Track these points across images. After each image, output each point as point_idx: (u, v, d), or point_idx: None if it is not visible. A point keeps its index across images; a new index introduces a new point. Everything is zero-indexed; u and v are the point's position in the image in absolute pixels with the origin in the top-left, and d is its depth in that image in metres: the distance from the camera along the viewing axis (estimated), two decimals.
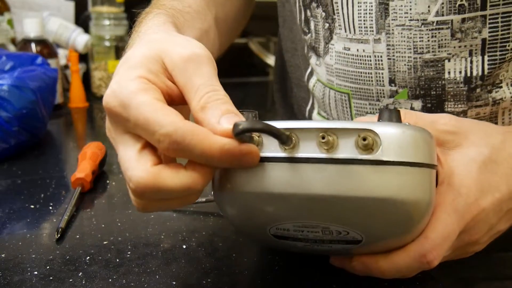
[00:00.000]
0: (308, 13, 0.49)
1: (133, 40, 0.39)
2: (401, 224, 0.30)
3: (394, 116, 0.30)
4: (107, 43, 1.09)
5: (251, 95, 1.26)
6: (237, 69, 1.25)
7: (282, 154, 0.29)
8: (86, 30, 1.12)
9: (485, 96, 0.42)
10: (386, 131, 0.28)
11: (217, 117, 0.28)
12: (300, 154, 0.28)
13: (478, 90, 0.42)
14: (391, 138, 0.28)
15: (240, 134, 0.27)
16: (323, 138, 0.28)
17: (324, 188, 0.28)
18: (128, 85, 0.29)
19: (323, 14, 0.47)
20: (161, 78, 0.30)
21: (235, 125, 0.27)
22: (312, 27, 0.49)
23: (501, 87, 0.42)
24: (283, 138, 0.28)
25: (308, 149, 0.28)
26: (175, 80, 0.31)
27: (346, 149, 0.28)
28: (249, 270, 0.38)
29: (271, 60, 1.26)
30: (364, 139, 0.27)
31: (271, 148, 0.29)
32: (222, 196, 0.31)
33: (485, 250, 0.36)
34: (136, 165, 0.28)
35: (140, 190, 0.28)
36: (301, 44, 0.54)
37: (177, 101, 0.31)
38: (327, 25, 0.47)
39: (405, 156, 0.28)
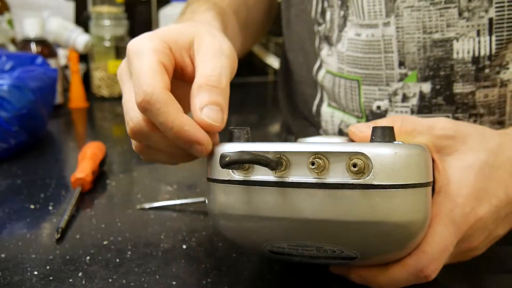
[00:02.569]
0: (326, 3, 0.51)
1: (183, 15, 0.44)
2: (395, 243, 0.30)
3: (387, 134, 0.30)
4: (107, 43, 1.09)
5: (251, 95, 1.26)
6: (237, 69, 1.25)
7: (272, 178, 0.29)
8: (86, 30, 1.12)
9: (494, 77, 0.43)
10: (378, 153, 0.27)
11: (203, 103, 0.31)
12: (291, 178, 0.28)
13: (486, 70, 0.43)
14: (383, 161, 0.27)
15: (227, 167, 0.27)
16: (313, 164, 0.28)
17: (315, 212, 0.28)
18: (150, 41, 0.32)
19: (339, 2, 0.48)
20: (182, 52, 0.34)
21: (222, 157, 0.27)
22: (328, 17, 0.50)
23: (508, 68, 0.42)
24: (272, 165, 0.28)
25: (299, 173, 0.28)
26: (194, 59, 0.34)
27: (337, 173, 0.28)
28: (249, 270, 0.38)
29: (271, 60, 1.26)
30: (355, 165, 0.27)
31: (262, 171, 0.29)
32: (217, 217, 0.32)
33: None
34: (137, 109, 0.31)
35: (136, 130, 0.32)
36: (309, 41, 0.54)
37: (187, 79, 0.34)
38: (342, 12, 0.48)
39: (398, 179, 0.27)
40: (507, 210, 0.34)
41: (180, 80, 0.35)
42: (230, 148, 0.30)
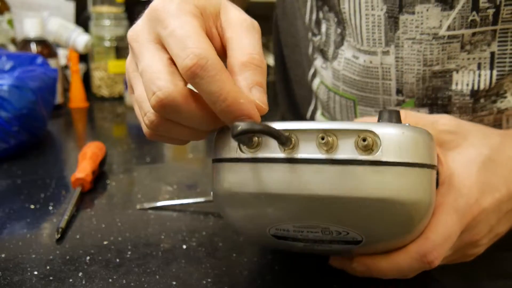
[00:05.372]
0: (321, 14, 0.49)
1: None
2: (401, 225, 0.30)
3: (394, 117, 0.30)
4: (107, 43, 1.09)
5: None
6: None
7: (281, 155, 0.29)
8: (86, 30, 1.12)
9: (490, 106, 0.42)
10: (386, 131, 0.28)
11: (251, 83, 0.28)
12: (300, 155, 0.28)
13: (482, 100, 0.42)
14: (391, 138, 0.28)
15: (239, 136, 0.26)
16: (323, 139, 0.28)
17: (323, 189, 0.28)
18: (186, 5, 0.29)
19: (336, 19, 0.47)
20: (210, 22, 0.30)
21: (234, 126, 0.26)
22: (323, 29, 0.49)
23: (505, 97, 0.42)
24: (282, 139, 0.28)
25: (307, 150, 0.28)
26: (222, 32, 0.31)
27: (346, 150, 0.28)
28: (249, 270, 0.38)
29: (271, 60, 1.25)
30: (364, 140, 0.27)
31: (271, 149, 0.29)
32: (221, 197, 0.31)
33: (487, 249, 0.36)
34: (170, 78, 0.27)
35: (166, 103, 0.27)
36: (304, 42, 0.54)
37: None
38: (339, 30, 0.47)
39: (405, 157, 0.28)
40: (508, 206, 0.34)
41: None
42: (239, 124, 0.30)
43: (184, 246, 0.41)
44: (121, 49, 1.11)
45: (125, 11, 1.13)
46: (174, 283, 0.36)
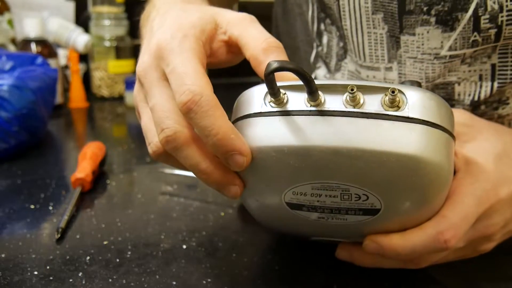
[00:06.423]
0: (322, 26, 0.49)
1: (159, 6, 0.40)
2: (420, 189, 0.29)
3: (415, 84, 0.30)
4: (107, 43, 1.09)
5: None
6: (237, 69, 1.25)
7: (309, 107, 0.28)
8: (86, 30, 1.12)
9: (491, 113, 0.42)
10: (412, 91, 0.28)
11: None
12: (327, 108, 0.28)
13: (482, 107, 0.42)
14: (417, 98, 0.28)
15: (272, 73, 0.27)
16: (352, 90, 0.27)
17: (350, 141, 0.27)
18: (186, 39, 0.31)
19: (338, 33, 0.46)
20: (213, 36, 0.33)
21: (269, 64, 0.26)
22: (325, 41, 0.49)
23: (508, 103, 0.42)
24: (313, 86, 0.27)
25: (334, 105, 0.28)
26: (229, 33, 0.33)
27: (373, 106, 0.28)
28: (249, 270, 0.38)
29: None
30: (393, 92, 0.27)
31: (297, 104, 0.29)
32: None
33: (489, 252, 0.36)
34: (178, 118, 0.30)
35: (171, 140, 0.29)
36: (304, 46, 0.54)
37: (215, 64, 0.34)
38: (341, 43, 0.46)
39: (431, 117, 0.28)
40: None
41: (230, 52, 0.35)
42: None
43: (184, 246, 0.41)
44: (121, 49, 1.11)
45: (125, 11, 1.13)
46: (174, 283, 0.36)
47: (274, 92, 0.28)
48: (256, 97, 0.30)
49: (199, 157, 0.30)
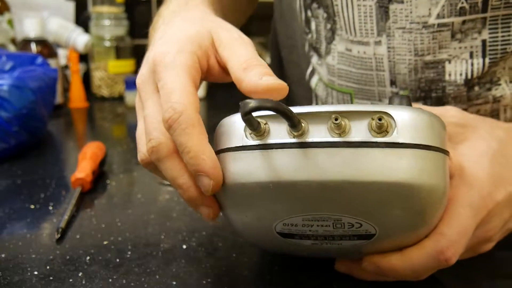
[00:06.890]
0: (309, 13, 0.49)
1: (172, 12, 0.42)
2: (416, 214, 0.28)
3: (404, 102, 0.29)
4: (107, 43, 1.09)
5: None
6: None
7: (291, 140, 0.27)
8: (86, 30, 1.12)
9: (485, 95, 0.42)
10: (401, 113, 0.27)
11: (259, 75, 0.30)
12: (311, 139, 0.27)
13: (476, 88, 0.42)
14: (406, 120, 0.26)
15: (249, 113, 0.25)
16: (336, 120, 0.26)
17: (337, 173, 0.26)
18: (181, 54, 0.32)
19: (325, 15, 0.47)
20: (208, 54, 0.33)
21: (244, 104, 0.25)
22: (313, 27, 0.49)
23: (499, 84, 0.42)
24: (295, 120, 0.26)
25: (319, 134, 0.27)
26: (220, 55, 0.33)
27: (360, 133, 0.26)
28: (249, 270, 0.38)
29: (268, 59, 1.25)
30: (380, 119, 0.26)
31: (279, 135, 0.27)
32: (225, 191, 0.29)
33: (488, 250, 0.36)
34: (164, 130, 0.30)
35: (155, 150, 0.31)
36: (301, 41, 0.54)
37: (212, 79, 0.35)
38: (329, 25, 0.47)
39: (421, 139, 0.26)
40: None
41: (221, 74, 0.35)
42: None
43: (184, 246, 0.41)
44: (121, 49, 1.11)
45: (125, 11, 1.13)
46: (174, 283, 0.36)
47: (254, 128, 0.27)
48: (236, 129, 0.29)
49: (179, 171, 0.30)
